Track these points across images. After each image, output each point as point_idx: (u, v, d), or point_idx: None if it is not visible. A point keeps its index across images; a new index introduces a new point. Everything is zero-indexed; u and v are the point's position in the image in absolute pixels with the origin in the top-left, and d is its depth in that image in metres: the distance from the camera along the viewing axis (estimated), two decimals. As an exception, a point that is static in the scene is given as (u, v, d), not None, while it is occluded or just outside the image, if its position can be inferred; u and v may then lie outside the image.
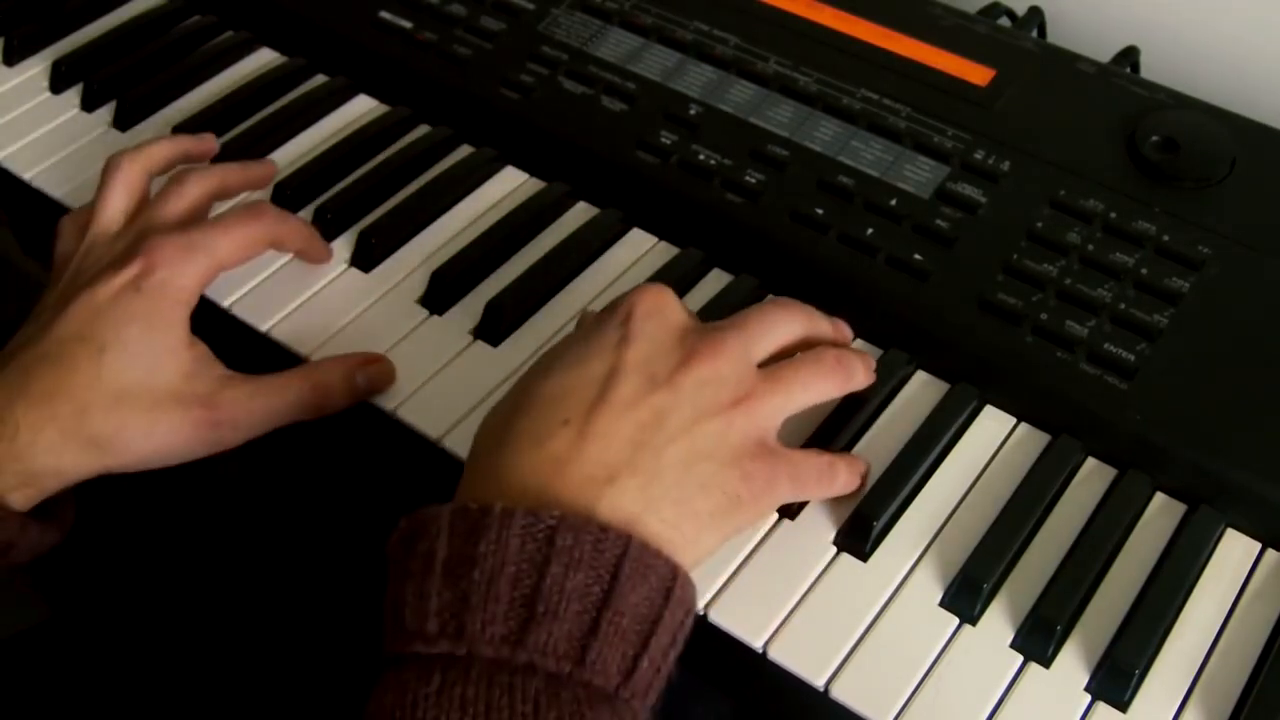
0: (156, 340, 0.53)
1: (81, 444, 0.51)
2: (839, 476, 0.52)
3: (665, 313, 0.48)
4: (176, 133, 0.69)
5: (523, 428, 0.45)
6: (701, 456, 0.45)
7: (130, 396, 0.52)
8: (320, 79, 0.73)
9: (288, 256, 0.63)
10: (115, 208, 0.58)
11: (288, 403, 0.55)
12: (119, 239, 0.57)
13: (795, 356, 0.51)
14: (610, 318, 0.48)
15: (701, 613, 0.49)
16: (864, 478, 0.53)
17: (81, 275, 0.55)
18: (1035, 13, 0.76)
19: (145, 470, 0.53)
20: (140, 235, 0.56)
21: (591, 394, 0.45)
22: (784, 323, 0.51)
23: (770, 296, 0.55)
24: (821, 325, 0.54)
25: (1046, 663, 0.49)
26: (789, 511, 0.53)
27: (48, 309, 0.55)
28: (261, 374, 0.55)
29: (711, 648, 0.49)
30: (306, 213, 0.65)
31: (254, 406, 0.54)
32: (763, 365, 0.49)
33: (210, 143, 0.65)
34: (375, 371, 0.57)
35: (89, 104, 0.72)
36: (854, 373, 0.52)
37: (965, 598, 0.50)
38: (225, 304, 0.61)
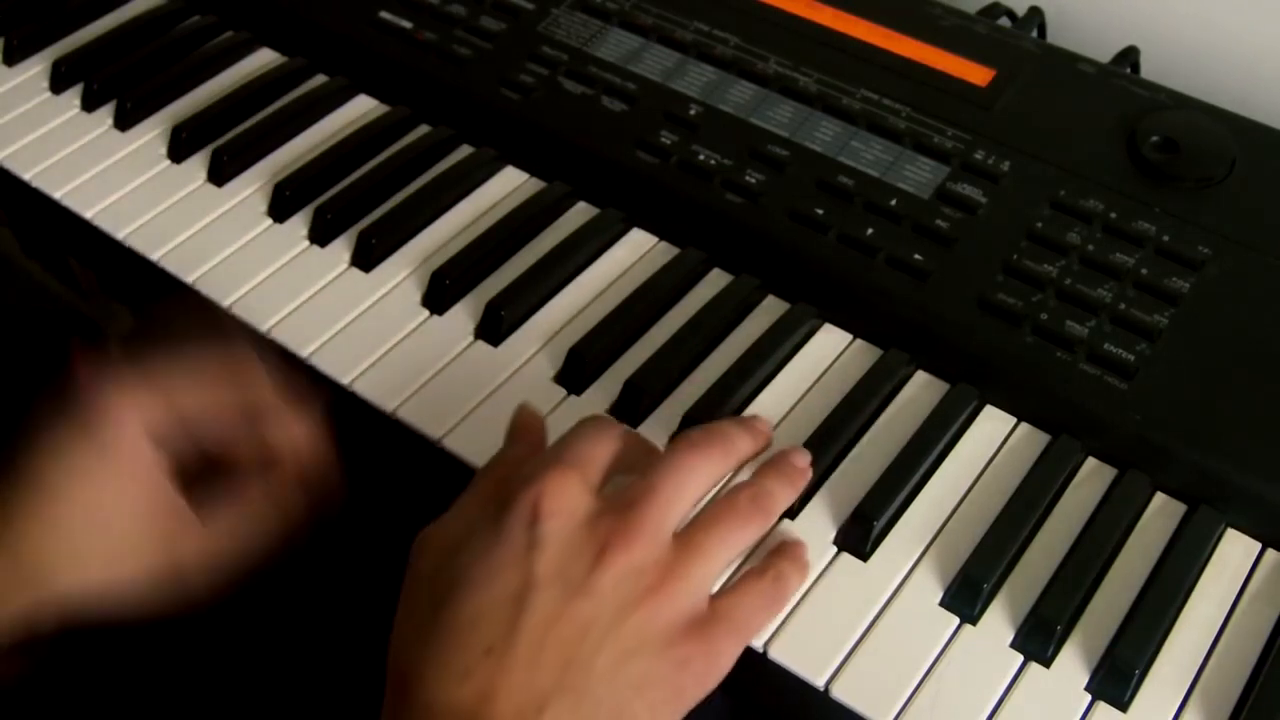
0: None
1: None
2: (788, 586, 0.48)
3: (571, 505, 0.45)
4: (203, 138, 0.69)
5: (444, 659, 0.42)
6: (631, 655, 0.43)
7: None
8: (320, 79, 0.73)
9: (288, 256, 0.63)
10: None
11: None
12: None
13: (706, 511, 0.47)
14: (514, 513, 0.44)
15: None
16: (805, 555, 0.50)
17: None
18: (1035, 13, 0.76)
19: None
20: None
21: (508, 615, 0.42)
22: (697, 476, 0.47)
23: (682, 433, 0.51)
24: (736, 452, 0.49)
25: (1046, 663, 0.49)
26: (789, 511, 0.53)
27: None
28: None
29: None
30: (307, 213, 0.65)
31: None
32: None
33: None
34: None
35: (89, 104, 0.72)
36: (774, 504, 0.48)
37: (965, 598, 0.50)
38: (225, 304, 0.61)
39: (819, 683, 0.48)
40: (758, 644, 0.49)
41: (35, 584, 0.49)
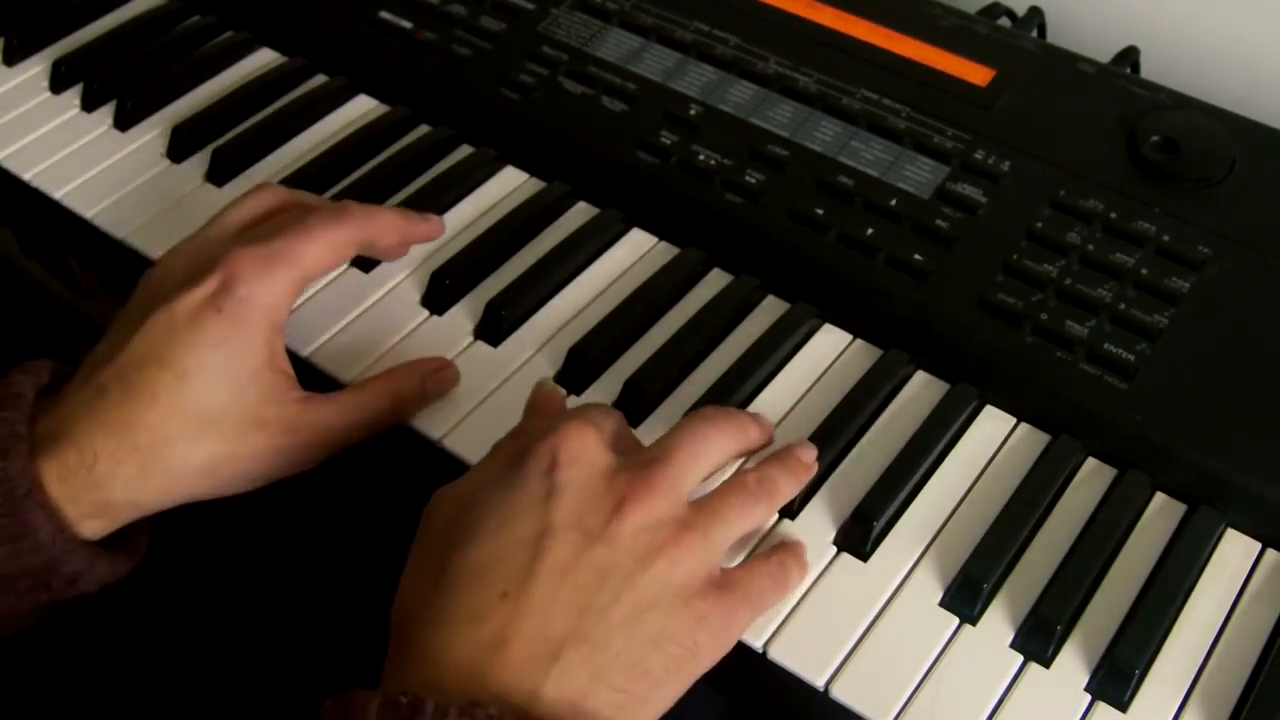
0: (240, 365, 0.50)
1: (162, 477, 0.49)
2: (791, 575, 0.49)
3: (590, 455, 0.45)
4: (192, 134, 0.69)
5: (455, 604, 0.42)
6: (649, 608, 0.43)
7: (214, 426, 0.49)
8: (320, 79, 0.73)
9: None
10: (228, 222, 0.54)
11: (366, 419, 0.53)
12: (203, 252, 0.53)
13: (720, 487, 0.48)
14: (532, 463, 0.45)
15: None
16: (807, 565, 0.51)
17: (163, 285, 0.52)
18: (1035, 13, 0.76)
19: (229, 495, 0.51)
20: (223, 247, 0.52)
21: (524, 559, 0.42)
22: (711, 446, 0.48)
23: (693, 412, 0.52)
24: (746, 435, 0.51)
25: (1046, 663, 0.49)
26: (789, 511, 0.53)
27: (128, 322, 0.51)
28: (336, 393, 0.53)
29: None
30: (306, 213, 0.65)
31: (335, 425, 0.52)
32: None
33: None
34: (442, 378, 0.56)
35: (89, 104, 0.72)
36: (778, 491, 0.50)
37: (965, 598, 0.50)
38: (225, 304, 0.61)
39: (819, 683, 0.48)
40: (757, 644, 0.49)
41: (158, 460, 0.49)
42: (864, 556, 0.51)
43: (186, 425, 0.49)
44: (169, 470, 0.49)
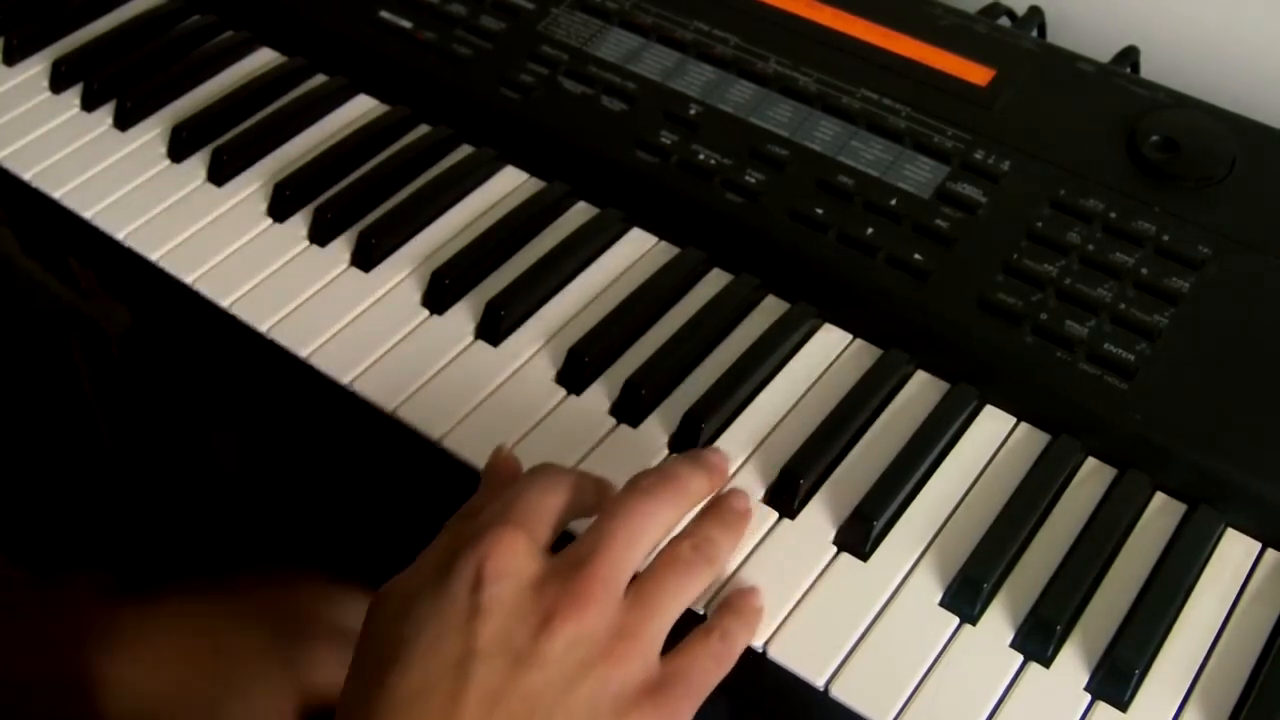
0: None
1: None
2: (737, 643, 0.46)
3: (516, 566, 0.43)
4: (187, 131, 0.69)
5: None
6: None
7: None
8: (320, 79, 0.73)
9: (288, 256, 0.63)
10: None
11: None
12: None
13: (653, 565, 0.46)
14: (457, 577, 0.43)
15: (701, 613, 0.49)
16: (757, 608, 0.48)
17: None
18: (1035, 13, 0.76)
19: None
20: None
21: (450, 688, 0.40)
22: (651, 523, 0.46)
23: (633, 479, 0.48)
24: (689, 493, 0.48)
25: (1046, 663, 0.49)
26: (788, 511, 0.53)
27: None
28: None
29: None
30: (306, 213, 0.65)
31: None
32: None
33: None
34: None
35: (89, 104, 0.72)
36: (717, 554, 0.47)
37: (965, 597, 0.50)
38: (225, 304, 0.61)
39: (819, 683, 0.48)
40: (757, 644, 0.49)
41: None
42: (864, 556, 0.51)
43: None
44: None
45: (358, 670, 0.44)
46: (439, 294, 0.61)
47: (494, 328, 0.59)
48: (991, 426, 0.56)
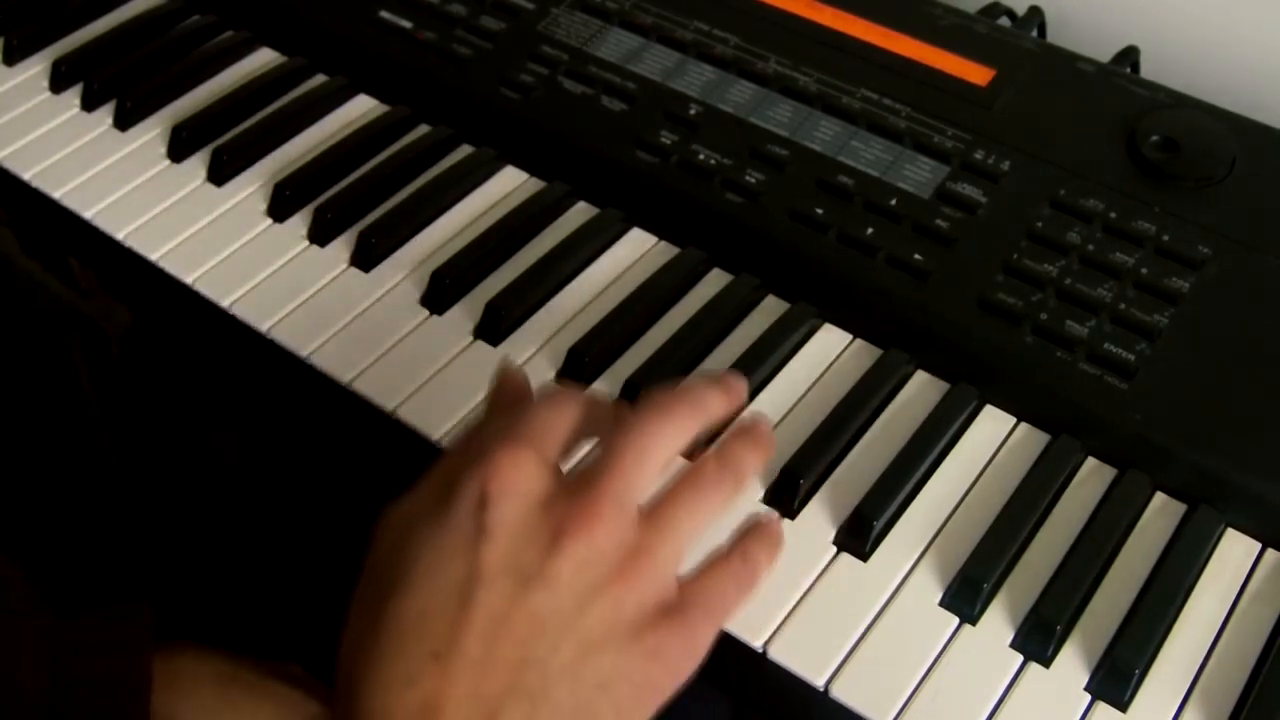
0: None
1: None
2: (759, 566, 0.44)
3: (523, 485, 0.41)
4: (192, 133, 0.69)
5: (389, 665, 0.39)
6: (595, 649, 0.39)
7: None
8: (320, 79, 0.73)
9: (288, 256, 0.63)
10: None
11: None
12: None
13: (673, 483, 0.43)
14: (461, 497, 0.41)
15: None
16: (780, 539, 0.45)
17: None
18: (1035, 13, 0.76)
19: None
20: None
21: (454, 612, 0.39)
22: (662, 441, 0.43)
23: (646, 398, 0.45)
24: (706, 410, 0.45)
25: (1046, 663, 0.49)
26: (788, 511, 0.53)
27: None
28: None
29: (710, 647, 0.49)
30: (306, 213, 0.65)
31: None
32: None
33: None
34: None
35: (89, 104, 0.72)
36: (744, 470, 0.44)
37: (965, 597, 0.50)
38: (225, 304, 0.61)
39: (819, 683, 0.48)
40: (757, 644, 0.49)
41: None
42: (864, 556, 0.51)
43: None
44: None
45: (360, 599, 0.42)
46: (439, 294, 0.61)
47: (494, 328, 0.59)
48: (991, 426, 0.56)
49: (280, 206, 0.65)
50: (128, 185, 0.67)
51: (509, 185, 0.67)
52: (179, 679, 0.48)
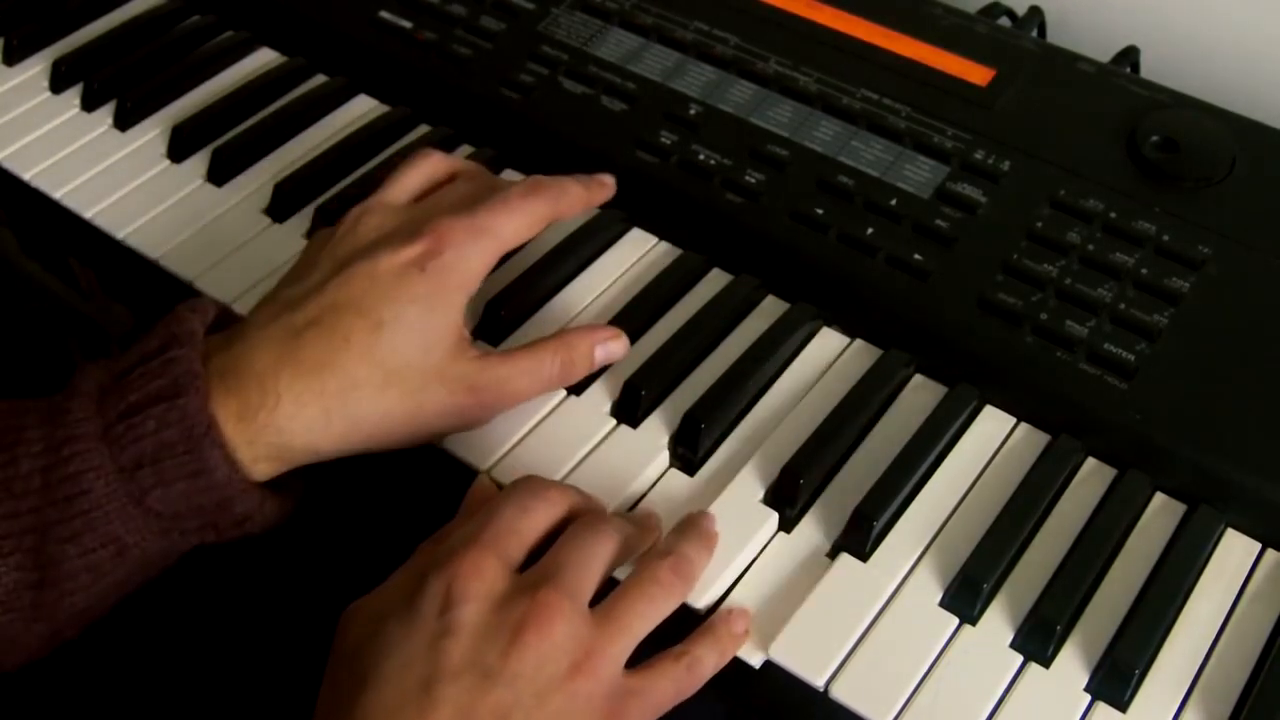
0: (434, 322, 0.51)
1: (344, 423, 0.49)
2: (702, 671, 0.47)
3: (485, 587, 0.44)
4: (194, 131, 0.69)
5: None
6: None
7: (399, 377, 0.50)
8: (320, 79, 0.73)
9: (288, 256, 0.63)
10: (407, 185, 0.56)
11: (539, 380, 0.54)
12: (402, 212, 0.55)
13: (626, 584, 0.47)
14: (427, 599, 0.44)
15: (702, 614, 0.50)
16: (736, 638, 0.49)
17: (359, 240, 0.53)
18: (1035, 13, 0.76)
19: (396, 449, 0.52)
20: (428, 213, 0.54)
21: (421, 707, 0.41)
22: (604, 544, 0.47)
23: (578, 519, 0.49)
24: (626, 538, 0.49)
25: (1046, 663, 0.49)
26: (787, 524, 0.53)
27: (317, 268, 0.52)
28: (510, 350, 0.54)
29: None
30: (306, 213, 0.65)
31: (509, 388, 0.53)
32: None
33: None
34: (615, 347, 0.57)
35: (89, 104, 0.72)
36: (694, 572, 0.49)
37: (965, 598, 0.50)
38: (225, 304, 0.61)
39: (819, 683, 0.48)
40: (757, 645, 0.49)
41: (343, 405, 0.49)
42: (864, 556, 0.51)
43: (374, 373, 0.49)
44: (351, 416, 0.49)
45: (329, 692, 0.44)
46: (439, 294, 0.61)
47: (495, 328, 0.59)
48: (991, 426, 0.56)
49: (280, 206, 0.65)
50: (128, 185, 0.67)
51: (509, 185, 0.67)
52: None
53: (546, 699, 0.43)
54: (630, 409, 0.56)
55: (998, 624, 0.50)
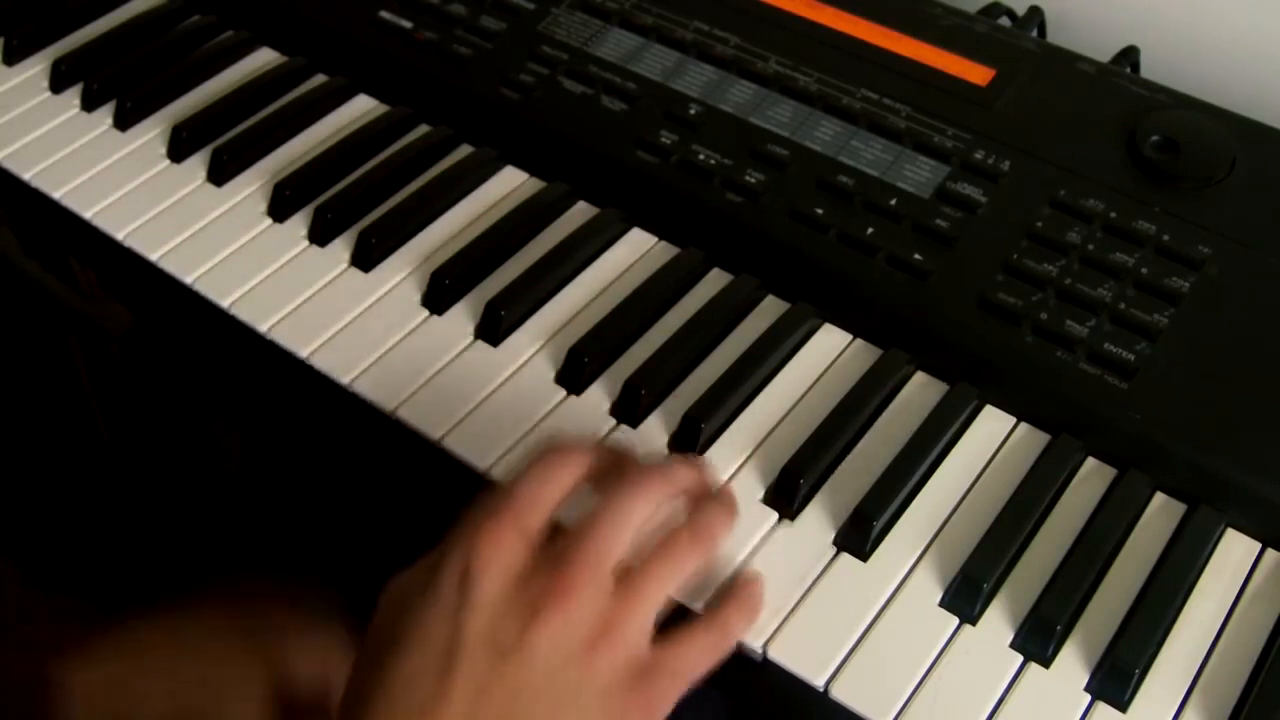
0: None
1: None
2: (732, 635, 0.47)
3: (505, 561, 0.44)
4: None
5: (379, 716, 0.42)
6: (567, 710, 0.42)
7: None
8: (320, 79, 0.73)
9: (288, 256, 0.63)
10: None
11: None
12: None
13: (650, 555, 0.46)
14: (447, 571, 0.44)
15: (700, 613, 0.49)
16: (758, 600, 0.48)
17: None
18: (1035, 13, 0.76)
19: None
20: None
21: (437, 677, 0.42)
22: (634, 513, 0.46)
23: (620, 475, 0.47)
24: (676, 481, 0.48)
25: (1046, 663, 0.49)
26: (789, 513, 0.53)
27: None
28: None
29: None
30: (306, 213, 0.65)
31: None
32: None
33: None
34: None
35: (89, 104, 0.72)
36: (714, 536, 0.47)
37: (965, 597, 0.50)
38: (225, 304, 0.61)
39: (819, 683, 0.48)
40: (757, 644, 0.49)
41: None
42: (864, 556, 0.51)
43: None
44: None
45: (361, 661, 0.45)
46: (439, 294, 0.61)
47: (494, 328, 0.59)
48: (991, 426, 0.56)
49: (280, 206, 0.65)
50: (128, 185, 0.67)
51: (509, 185, 0.67)
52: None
53: (562, 675, 0.42)
54: (630, 409, 0.56)
55: (998, 624, 0.50)
